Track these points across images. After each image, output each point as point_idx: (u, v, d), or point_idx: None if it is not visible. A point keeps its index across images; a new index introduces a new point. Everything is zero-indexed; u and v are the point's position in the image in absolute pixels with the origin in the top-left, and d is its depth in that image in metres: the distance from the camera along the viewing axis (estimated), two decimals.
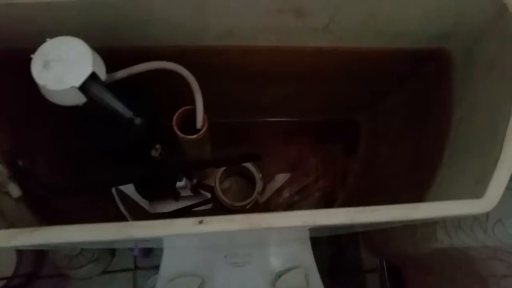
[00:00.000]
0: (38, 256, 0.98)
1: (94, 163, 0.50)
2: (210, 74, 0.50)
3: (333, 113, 0.77)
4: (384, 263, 1.01)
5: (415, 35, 0.49)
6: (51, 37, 0.39)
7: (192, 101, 0.48)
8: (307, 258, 0.73)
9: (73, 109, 0.40)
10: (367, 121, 0.77)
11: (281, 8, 0.44)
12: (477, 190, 0.38)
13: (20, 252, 0.90)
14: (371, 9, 0.44)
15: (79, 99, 0.38)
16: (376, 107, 0.72)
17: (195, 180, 0.66)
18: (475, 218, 0.54)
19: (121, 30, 0.45)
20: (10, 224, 0.37)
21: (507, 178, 0.37)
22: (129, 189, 0.68)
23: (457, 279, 0.71)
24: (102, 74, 0.39)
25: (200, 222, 0.34)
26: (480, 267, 0.62)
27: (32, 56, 0.37)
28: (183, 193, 0.72)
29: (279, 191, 0.81)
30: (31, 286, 0.99)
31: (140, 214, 0.70)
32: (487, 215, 0.52)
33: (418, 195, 0.50)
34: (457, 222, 0.58)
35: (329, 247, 1.07)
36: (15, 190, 0.40)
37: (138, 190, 0.70)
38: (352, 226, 0.41)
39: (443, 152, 0.49)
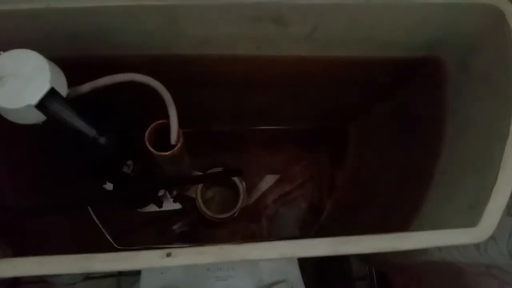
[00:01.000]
0: None
1: (61, 182, 0.46)
2: (186, 83, 0.47)
3: (319, 121, 0.74)
4: (373, 271, 0.99)
5: (404, 43, 0.46)
6: (5, 49, 0.35)
7: (167, 114, 0.44)
8: (293, 271, 0.70)
9: (35, 126, 0.36)
10: (355, 130, 0.74)
11: (260, 16, 0.40)
12: (470, 216, 0.35)
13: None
14: (355, 17, 0.41)
15: (37, 117, 0.35)
16: (364, 116, 0.69)
17: (174, 193, 0.63)
18: None
19: (85, 38, 0.41)
20: None
21: (503, 205, 0.35)
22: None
23: None
24: (63, 89, 0.36)
25: (168, 255, 0.31)
26: (472, 283, 0.60)
27: None
28: (165, 201, 0.69)
29: (263, 196, 0.78)
30: None
31: (123, 221, 0.67)
32: None
33: (407, 213, 0.47)
34: None
35: (316, 262, 1.05)
36: None
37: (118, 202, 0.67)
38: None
39: (435, 169, 0.46)
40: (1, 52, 0.34)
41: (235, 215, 0.71)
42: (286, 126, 0.75)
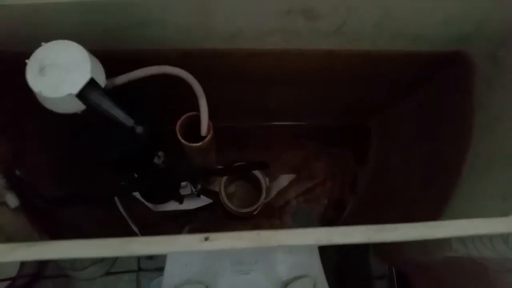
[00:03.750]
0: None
1: (95, 172, 0.47)
2: (214, 78, 0.48)
3: (344, 117, 0.74)
4: (393, 270, 0.99)
5: (434, 37, 0.47)
6: (47, 41, 0.36)
7: (197, 107, 0.45)
8: (315, 266, 0.70)
9: (72, 116, 0.37)
10: (379, 127, 0.74)
11: (290, 9, 0.41)
12: (504, 207, 0.35)
13: None
14: (386, 10, 0.42)
15: (78, 106, 0.36)
16: (389, 112, 0.69)
17: (199, 186, 0.64)
18: None
19: (121, 32, 0.42)
20: (7, 237, 0.35)
21: None
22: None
23: None
24: (102, 80, 0.37)
25: (206, 239, 0.32)
26: (495, 279, 0.60)
27: (27, 61, 0.35)
28: (187, 197, 0.69)
29: (284, 191, 0.79)
30: (34, 286, 0.98)
31: (143, 216, 0.68)
32: None
33: (434, 210, 0.47)
34: None
35: (337, 253, 1.05)
36: (12, 200, 0.38)
37: (142, 194, 0.68)
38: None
39: (463, 164, 0.46)
40: (43, 43, 0.35)
41: (257, 210, 0.71)
42: (309, 122, 0.75)
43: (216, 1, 0.40)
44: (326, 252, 0.91)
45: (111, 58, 0.39)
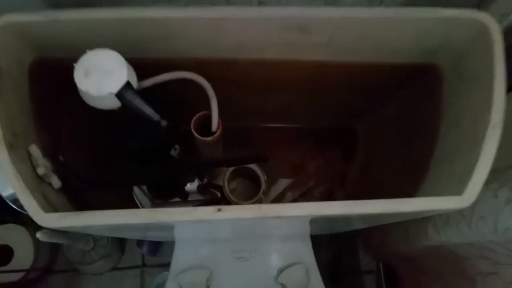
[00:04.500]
0: (53, 252, 1.03)
1: (122, 161, 0.56)
2: (222, 83, 0.56)
3: (334, 120, 0.83)
4: (381, 265, 1.06)
5: (408, 51, 0.55)
6: (90, 48, 0.45)
7: (207, 107, 0.54)
8: (308, 254, 0.78)
9: (108, 112, 0.45)
10: (365, 129, 0.83)
11: (288, 26, 0.50)
12: (458, 188, 0.44)
13: (37, 247, 0.96)
14: (367, 29, 0.50)
15: (115, 103, 0.44)
16: (373, 116, 0.78)
17: (206, 180, 0.72)
18: (461, 215, 0.59)
19: (148, 43, 0.51)
20: (54, 209, 0.43)
21: (484, 178, 0.43)
22: (137, 192, 0.74)
23: (448, 278, 0.76)
24: (134, 83, 0.45)
25: (219, 210, 0.40)
26: (468, 266, 0.67)
27: (74, 65, 0.43)
28: (192, 197, 0.77)
29: (282, 194, 0.87)
30: (45, 279, 1.05)
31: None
32: (471, 212, 0.57)
33: (409, 195, 0.55)
34: (446, 219, 0.63)
35: (328, 251, 1.12)
36: (56, 182, 0.46)
37: (150, 188, 0.76)
38: (349, 219, 0.47)
39: (432, 157, 0.55)
40: (88, 51, 0.44)
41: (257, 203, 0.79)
42: (303, 124, 0.84)
43: (226, 20, 0.48)
44: (319, 250, 1.00)
45: (139, 64, 0.48)
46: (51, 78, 0.51)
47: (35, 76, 0.50)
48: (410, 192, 0.56)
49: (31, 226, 0.96)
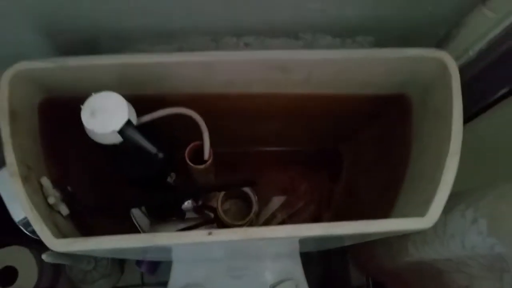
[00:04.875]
0: (56, 272, 1.08)
1: (123, 188, 0.61)
2: (213, 114, 0.61)
3: (319, 143, 0.89)
4: (370, 280, 1.11)
5: (378, 84, 0.61)
6: (94, 89, 0.51)
7: (200, 137, 0.59)
8: (297, 271, 0.83)
9: (111, 146, 0.51)
10: (348, 152, 0.89)
11: (271, 66, 0.56)
12: (423, 210, 0.49)
13: (41, 268, 1.00)
14: (341, 68, 0.57)
15: (117, 139, 0.50)
16: (354, 140, 0.84)
17: (200, 202, 0.77)
18: (435, 234, 0.64)
19: (146, 83, 0.57)
20: (64, 236, 0.48)
21: (443, 202, 0.49)
22: (136, 213, 0.79)
23: None
24: (134, 120, 0.51)
25: (210, 234, 0.46)
26: (448, 280, 0.72)
27: (81, 106, 0.49)
28: (188, 214, 0.82)
29: (273, 215, 0.92)
30: None
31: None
32: (444, 231, 0.63)
33: (384, 215, 0.61)
34: (423, 237, 0.68)
35: (319, 266, 1.16)
36: (64, 210, 0.52)
37: (148, 211, 0.81)
38: (329, 237, 0.52)
39: (403, 181, 0.60)
40: (93, 93, 0.50)
41: (248, 224, 0.84)
42: (290, 148, 0.90)
43: (216, 62, 0.54)
44: (310, 265, 1.05)
45: (138, 100, 0.54)
46: (58, 115, 0.57)
47: (44, 113, 0.56)
48: (386, 212, 0.61)
49: (35, 247, 1.01)
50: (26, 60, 0.51)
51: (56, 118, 0.57)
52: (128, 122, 0.49)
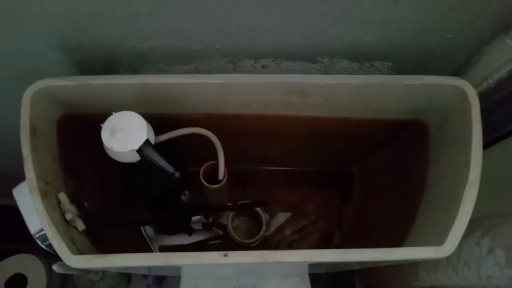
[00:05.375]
0: (63, 281, 1.08)
1: (137, 205, 0.61)
2: (229, 133, 0.61)
3: (332, 164, 0.89)
4: None
5: (395, 109, 0.61)
6: (112, 106, 0.51)
7: (215, 156, 0.60)
8: None
9: (128, 164, 0.52)
10: (361, 174, 0.88)
11: (288, 90, 0.56)
12: (440, 239, 0.49)
13: (50, 276, 1.01)
14: (358, 92, 0.57)
15: (135, 157, 0.50)
16: (368, 162, 0.83)
17: (210, 219, 0.77)
18: (448, 261, 0.63)
19: (164, 103, 0.57)
20: (79, 251, 0.49)
21: (462, 232, 0.48)
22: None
23: None
24: (152, 139, 0.51)
25: (225, 255, 0.46)
26: None
27: (101, 125, 0.49)
28: (195, 226, 0.82)
29: (281, 228, 0.92)
30: None
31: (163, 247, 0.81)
32: (458, 259, 0.62)
33: (398, 241, 0.60)
34: (435, 264, 0.67)
35: (327, 287, 1.15)
36: (81, 225, 0.52)
37: (158, 225, 0.81)
38: (342, 263, 0.52)
39: (419, 207, 0.60)
40: (113, 113, 0.50)
41: (258, 242, 0.84)
42: (303, 168, 0.90)
43: (233, 84, 0.55)
44: (319, 284, 1.03)
45: (156, 119, 0.54)
46: (77, 131, 0.58)
47: (63, 129, 0.56)
48: (399, 237, 0.60)
49: (44, 255, 1.02)
50: (47, 78, 0.52)
51: (74, 134, 0.58)
52: (147, 142, 0.49)
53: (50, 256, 0.48)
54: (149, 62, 0.60)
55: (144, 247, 0.76)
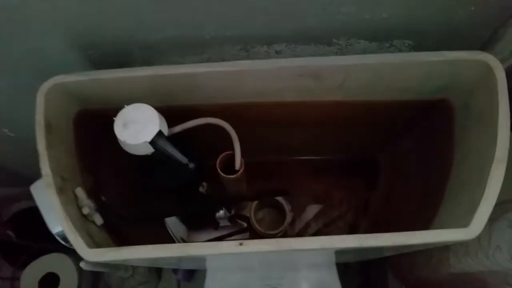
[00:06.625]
0: (95, 278, 1.10)
1: (155, 197, 0.61)
2: (246, 123, 0.61)
3: (355, 151, 0.86)
4: None
5: (417, 89, 0.59)
6: (127, 101, 0.51)
7: (231, 147, 0.59)
8: (334, 282, 0.81)
9: (143, 156, 0.51)
10: (386, 160, 0.85)
11: (302, 73, 0.54)
12: (466, 220, 0.46)
13: (81, 274, 1.03)
14: (377, 73, 0.54)
15: (149, 150, 0.50)
16: (393, 148, 0.80)
17: (233, 211, 0.77)
18: (479, 244, 0.61)
19: (177, 94, 0.57)
20: (97, 245, 0.49)
21: (489, 212, 0.46)
22: (171, 222, 0.80)
23: None
24: (165, 131, 0.51)
25: (241, 244, 0.45)
26: None
27: (114, 118, 0.49)
28: (222, 223, 0.82)
29: (308, 224, 0.90)
30: None
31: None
32: (489, 242, 0.59)
33: (424, 224, 0.58)
34: (465, 248, 0.65)
35: (359, 275, 1.13)
36: (98, 219, 0.52)
37: (183, 220, 0.81)
38: (365, 249, 0.50)
39: (445, 189, 0.57)
40: (125, 106, 0.50)
41: (281, 233, 0.83)
42: (325, 156, 0.88)
43: (246, 72, 0.54)
44: (349, 272, 1.02)
45: (170, 111, 0.54)
46: (93, 126, 0.58)
47: (79, 125, 0.57)
48: (427, 221, 0.58)
49: (74, 254, 1.04)
50: (61, 74, 0.52)
51: (90, 129, 0.58)
52: (159, 133, 0.49)
53: (80, 256, 0.48)
54: (162, 54, 0.60)
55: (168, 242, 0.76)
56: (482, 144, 0.51)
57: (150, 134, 0.49)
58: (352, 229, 0.87)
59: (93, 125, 0.59)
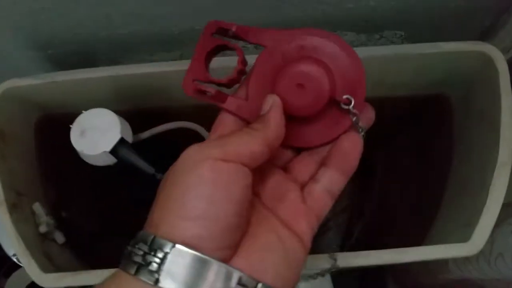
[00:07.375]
0: None
1: (122, 211, 0.56)
2: None
3: None
4: None
5: (410, 85, 0.53)
6: (85, 104, 0.46)
7: None
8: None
9: (107, 167, 0.46)
10: (380, 160, 0.81)
11: None
12: (465, 233, 0.41)
13: None
14: (365, 67, 0.49)
15: (110, 160, 0.45)
16: (386, 147, 0.75)
17: None
18: (480, 251, 0.56)
19: (146, 95, 0.52)
20: (57, 267, 0.44)
21: (492, 224, 0.41)
22: None
23: None
24: (129, 137, 0.46)
25: None
26: None
27: (70, 126, 0.44)
28: None
29: None
30: None
31: None
32: (490, 249, 0.54)
33: (421, 233, 0.53)
34: None
35: (354, 281, 1.09)
36: (60, 237, 0.47)
37: None
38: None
39: (443, 193, 0.52)
40: (83, 111, 0.45)
41: None
42: None
43: (222, 69, 0.48)
44: (343, 279, 0.97)
45: (139, 114, 0.49)
46: (57, 133, 0.53)
47: (41, 133, 0.52)
48: (423, 232, 0.53)
49: None
50: (14, 78, 0.47)
51: (54, 137, 0.53)
52: (122, 141, 0.44)
53: None
54: (129, 52, 0.54)
55: None
56: (483, 144, 0.46)
57: (110, 142, 0.43)
58: (346, 235, 0.82)
59: (56, 132, 0.53)
